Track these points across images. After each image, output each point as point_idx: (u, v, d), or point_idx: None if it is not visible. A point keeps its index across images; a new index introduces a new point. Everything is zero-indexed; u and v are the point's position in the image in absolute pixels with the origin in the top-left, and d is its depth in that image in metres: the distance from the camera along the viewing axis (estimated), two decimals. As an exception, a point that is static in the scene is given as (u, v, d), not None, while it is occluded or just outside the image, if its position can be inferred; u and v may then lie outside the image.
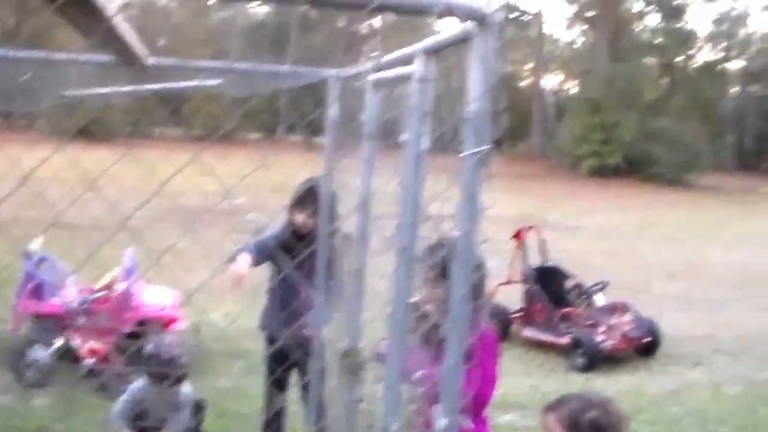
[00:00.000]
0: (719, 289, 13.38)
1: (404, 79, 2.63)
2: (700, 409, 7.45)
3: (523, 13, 54.34)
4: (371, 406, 3.76)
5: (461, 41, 1.98)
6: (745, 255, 17.36)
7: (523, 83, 58.12)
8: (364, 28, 47.82)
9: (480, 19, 1.86)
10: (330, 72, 4.06)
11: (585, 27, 49.84)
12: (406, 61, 2.59)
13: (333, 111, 4.12)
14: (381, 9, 1.69)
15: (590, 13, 47.00)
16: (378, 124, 3.31)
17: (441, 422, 2.71)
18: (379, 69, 3.11)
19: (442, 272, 3.49)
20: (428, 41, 2.37)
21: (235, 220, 14.11)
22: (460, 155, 2.03)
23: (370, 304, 3.94)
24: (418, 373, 3.26)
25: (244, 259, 4.92)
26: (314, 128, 4.42)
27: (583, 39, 51.12)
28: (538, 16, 52.15)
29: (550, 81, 54.26)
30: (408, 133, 2.53)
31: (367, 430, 3.73)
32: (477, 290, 3.54)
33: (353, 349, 3.95)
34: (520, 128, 53.87)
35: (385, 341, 3.74)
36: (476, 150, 1.93)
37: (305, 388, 5.12)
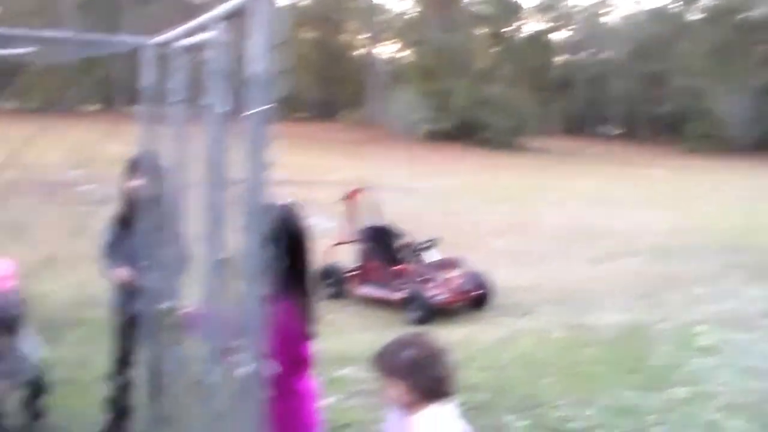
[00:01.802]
0: (545, 244, 14.00)
1: (207, 44, 2.64)
2: (527, 354, 7.80)
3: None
4: (195, 363, 3.76)
5: (245, 7, 2.00)
6: (570, 212, 18.24)
7: (357, 53, 58.46)
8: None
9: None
10: (142, 40, 4.00)
11: (416, -2, 50.51)
12: (208, 27, 2.60)
13: (147, 79, 4.06)
14: None
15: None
16: (187, 90, 3.31)
17: (246, 368, 2.74)
18: (186, 35, 3.10)
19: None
20: (224, 6, 2.39)
21: (74, 192, 13.65)
22: (244, 114, 2.04)
23: (191, 265, 3.97)
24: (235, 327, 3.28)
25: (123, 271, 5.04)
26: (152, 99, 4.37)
27: (415, 9, 51.74)
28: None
29: (384, 50, 54.73)
30: (209, 97, 2.54)
31: (192, 386, 3.74)
32: (299, 254, 3.62)
33: (174, 310, 3.94)
34: (355, 96, 54.31)
35: (197, 301, 3.76)
36: (259, 109, 1.95)
37: (146, 353, 5.10)
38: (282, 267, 3.54)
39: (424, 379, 3.18)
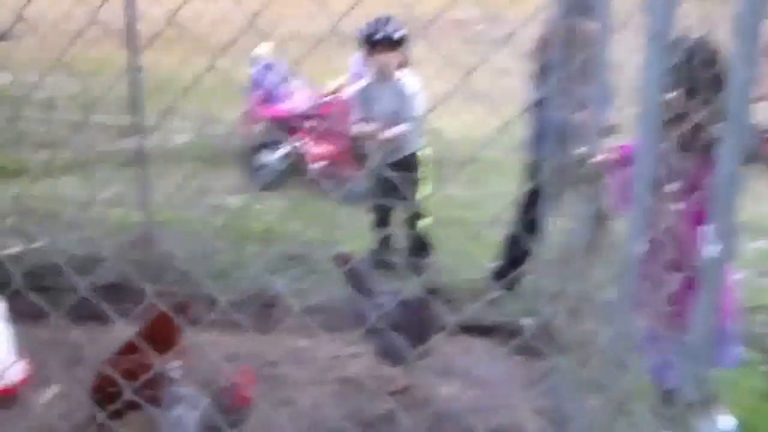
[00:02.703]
0: None
1: None
2: None
3: None
4: (612, 221, 3.34)
5: None
6: None
7: None
8: None
9: None
10: None
11: None
12: None
13: None
14: None
15: None
16: None
17: (711, 248, 2.10)
18: None
19: (709, 72, 2.91)
20: None
21: (467, 32, 13.55)
22: None
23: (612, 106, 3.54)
24: (673, 185, 2.73)
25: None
26: None
27: None
28: None
29: None
30: None
31: (609, 249, 3.32)
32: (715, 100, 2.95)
33: (591, 156, 3.51)
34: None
35: (625, 145, 3.24)
36: None
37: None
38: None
39: None
